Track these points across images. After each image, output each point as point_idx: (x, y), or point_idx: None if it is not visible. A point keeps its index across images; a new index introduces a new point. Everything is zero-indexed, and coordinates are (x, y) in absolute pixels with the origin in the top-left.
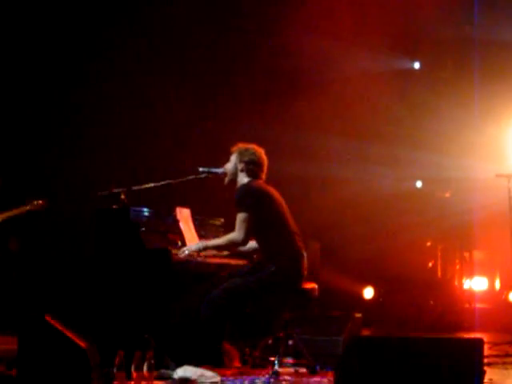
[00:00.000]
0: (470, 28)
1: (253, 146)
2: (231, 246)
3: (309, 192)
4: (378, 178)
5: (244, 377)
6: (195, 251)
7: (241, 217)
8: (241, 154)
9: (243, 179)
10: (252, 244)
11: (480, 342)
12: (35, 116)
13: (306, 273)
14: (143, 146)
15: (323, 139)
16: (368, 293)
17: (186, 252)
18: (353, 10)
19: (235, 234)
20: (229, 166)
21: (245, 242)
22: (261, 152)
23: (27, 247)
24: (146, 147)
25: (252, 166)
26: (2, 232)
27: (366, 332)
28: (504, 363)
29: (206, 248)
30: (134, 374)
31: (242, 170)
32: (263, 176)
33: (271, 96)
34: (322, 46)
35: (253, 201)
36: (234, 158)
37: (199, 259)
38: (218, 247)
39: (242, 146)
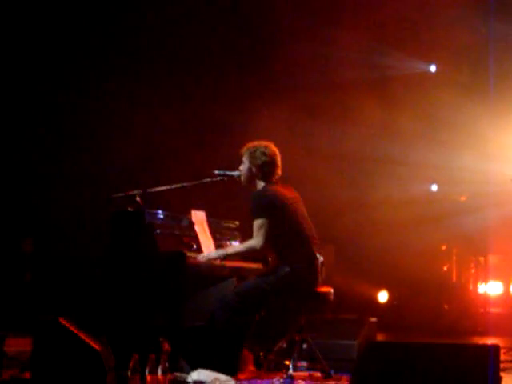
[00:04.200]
0: (486, 31)
1: (262, 144)
2: (250, 253)
3: (324, 195)
4: (393, 181)
5: (258, 381)
6: (215, 259)
7: (257, 223)
8: (252, 157)
9: (259, 184)
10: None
11: (496, 348)
12: (50, 118)
13: (321, 277)
14: (159, 147)
15: (338, 139)
16: (382, 297)
17: (205, 259)
18: (369, 13)
19: (254, 241)
20: (243, 169)
21: (263, 248)
22: (271, 148)
23: (41, 249)
24: (161, 149)
25: (266, 169)
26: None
27: (380, 336)
28: None
29: (226, 256)
30: (149, 377)
31: (257, 175)
32: (279, 171)
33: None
34: (340, 50)
35: (267, 206)
36: (245, 160)
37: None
38: (237, 254)
39: (250, 145)
